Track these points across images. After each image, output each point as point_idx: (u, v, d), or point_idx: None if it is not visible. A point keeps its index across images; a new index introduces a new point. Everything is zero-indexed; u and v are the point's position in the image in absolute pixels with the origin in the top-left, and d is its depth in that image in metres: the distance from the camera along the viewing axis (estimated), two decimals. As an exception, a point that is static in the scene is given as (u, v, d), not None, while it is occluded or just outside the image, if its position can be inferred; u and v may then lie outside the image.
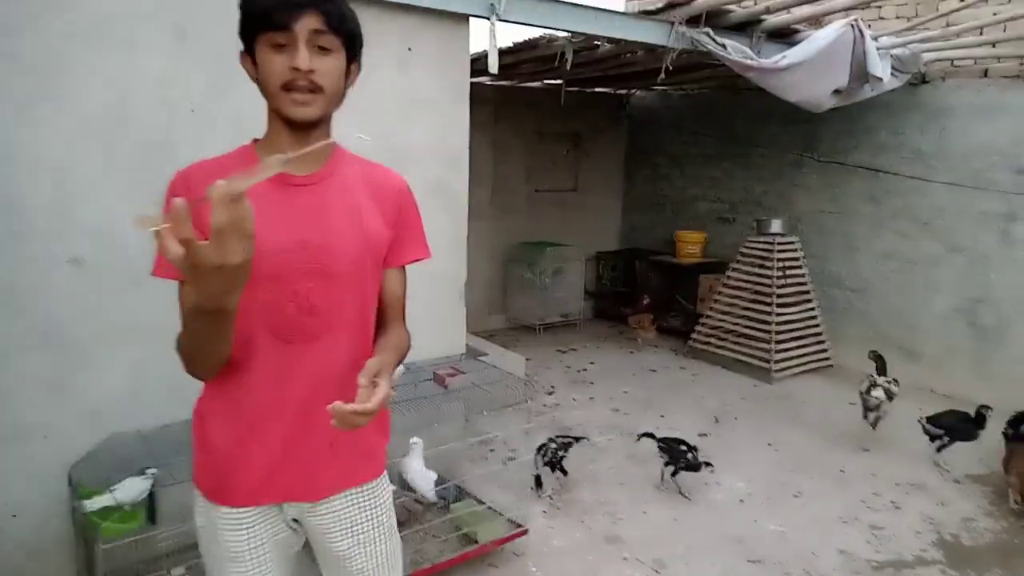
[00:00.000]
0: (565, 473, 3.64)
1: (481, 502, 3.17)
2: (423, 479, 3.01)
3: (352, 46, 1.28)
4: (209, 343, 1.16)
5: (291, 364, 1.30)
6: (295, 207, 1.28)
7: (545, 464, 3.59)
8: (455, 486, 3.20)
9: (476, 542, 2.96)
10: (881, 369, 4.43)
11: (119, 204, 2.51)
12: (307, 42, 1.20)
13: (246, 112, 2.73)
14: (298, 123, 1.25)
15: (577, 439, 3.72)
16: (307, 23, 1.20)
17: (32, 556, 2.49)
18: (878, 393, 4.27)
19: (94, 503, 2.25)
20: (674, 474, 3.68)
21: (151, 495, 2.34)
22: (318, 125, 1.29)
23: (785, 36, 4.62)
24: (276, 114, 1.27)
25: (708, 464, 3.66)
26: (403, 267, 1.49)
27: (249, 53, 1.26)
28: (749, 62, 4.20)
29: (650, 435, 3.82)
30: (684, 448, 3.68)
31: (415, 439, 3.00)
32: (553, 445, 3.60)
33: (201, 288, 0.99)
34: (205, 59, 2.59)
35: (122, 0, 2.46)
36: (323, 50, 1.22)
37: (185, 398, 2.70)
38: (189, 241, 0.90)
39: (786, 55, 4.30)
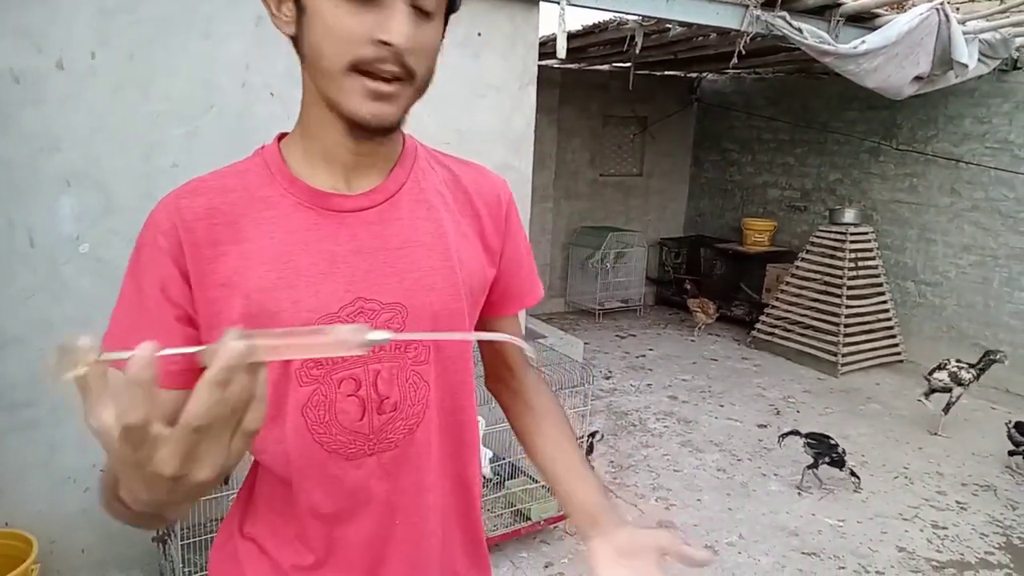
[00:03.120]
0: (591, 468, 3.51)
1: (535, 480, 3.23)
2: (479, 454, 3.09)
3: (455, 6, 0.85)
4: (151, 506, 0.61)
5: (362, 494, 0.85)
6: (345, 246, 0.82)
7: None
8: (510, 463, 3.27)
9: (529, 519, 3.03)
10: (984, 367, 4.27)
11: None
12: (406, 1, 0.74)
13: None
14: (370, 128, 0.78)
15: (592, 435, 3.58)
16: None
17: (117, 508, 2.69)
18: (941, 376, 4.14)
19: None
20: (814, 466, 3.62)
21: (225, 457, 2.48)
22: (395, 129, 0.82)
23: (865, 20, 4.45)
24: (329, 103, 0.78)
25: (855, 475, 3.59)
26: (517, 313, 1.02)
27: None
28: (826, 47, 4.07)
29: (795, 433, 3.75)
30: (832, 443, 3.62)
31: (479, 418, 3.08)
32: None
33: (126, 481, 0.56)
34: (285, 44, 2.69)
35: (207, -14, 2.58)
36: (422, 13, 0.76)
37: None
38: (134, 427, 0.49)
39: (865, 40, 4.15)
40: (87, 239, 2.48)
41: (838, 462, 3.56)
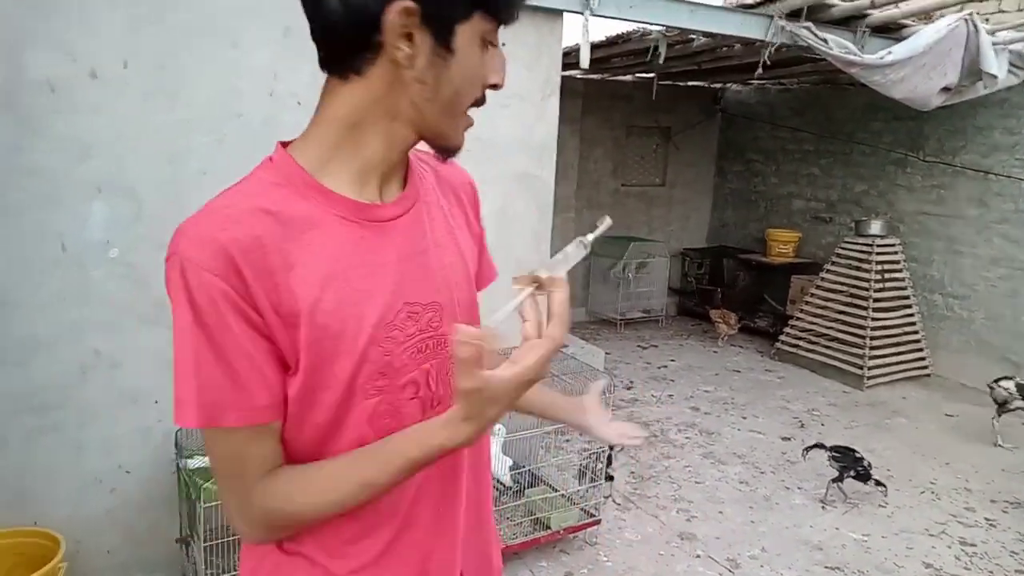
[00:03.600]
0: (611, 479, 3.43)
1: (555, 489, 3.22)
2: (499, 463, 3.10)
3: None
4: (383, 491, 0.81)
5: (422, 498, 0.89)
6: (389, 255, 0.84)
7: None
8: (530, 472, 3.27)
9: (548, 528, 3.02)
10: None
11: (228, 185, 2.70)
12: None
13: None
14: (450, 153, 0.88)
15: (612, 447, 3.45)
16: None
17: (141, 512, 2.72)
18: (1008, 385, 4.10)
19: (196, 461, 2.45)
20: (839, 480, 3.57)
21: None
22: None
23: (892, 31, 4.42)
24: (430, 133, 0.84)
25: (880, 484, 3.54)
26: None
27: (436, 22, 0.77)
28: (852, 58, 4.05)
29: (820, 446, 3.71)
30: (858, 457, 3.59)
31: (499, 426, 3.09)
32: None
33: (484, 415, 0.74)
34: (310, 54, 2.74)
35: (236, -2, 2.63)
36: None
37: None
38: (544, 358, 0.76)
39: (892, 51, 4.12)
40: (117, 245, 2.53)
41: (863, 476, 3.51)
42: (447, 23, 0.77)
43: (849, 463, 3.56)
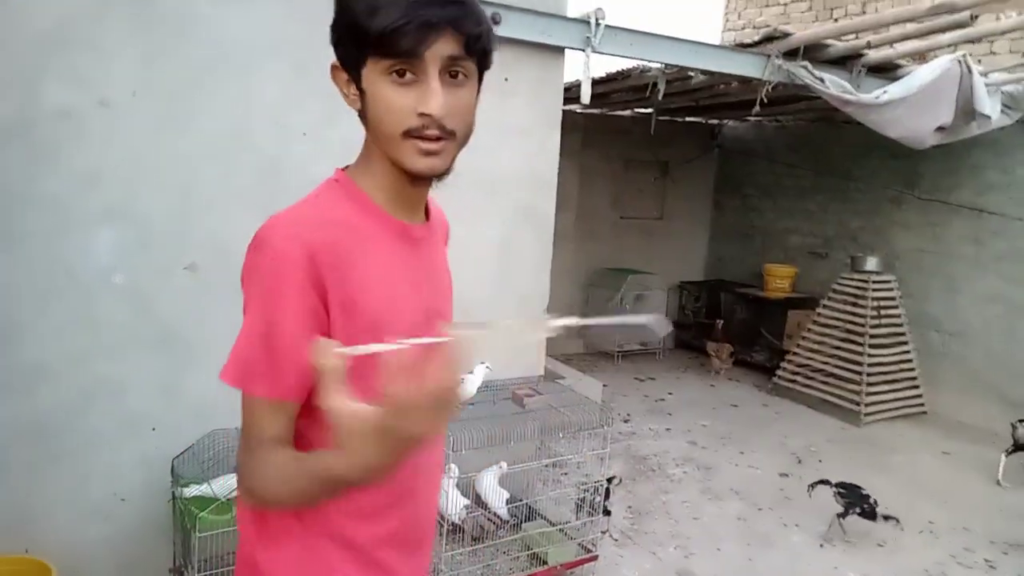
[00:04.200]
0: (608, 513, 3.38)
1: (552, 524, 3.20)
2: (495, 496, 3.07)
3: (486, 66, 0.98)
4: (322, 498, 0.89)
5: (418, 477, 1.07)
6: (416, 269, 1.03)
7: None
8: (527, 506, 3.25)
9: (545, 563, 2.99)
10: None
11: (234, 217, 2.71)
12: (441, 71, 0.90)
13: (357, 136, 2.92)
14: (424, 178, 0.98)
15: (610, 480, 3.41)
16: (441, 48, 0.88)
17: (135, 541, 2.68)
18: None
19: (191, 490, 2.43)
20: (844, 515, 3.55)
21: (244, 490, 2.49)
22: (445, 176, 1.00)
23: (887, 71, 4.51)
24: (392, 160, 0.97)
25: (890, 518, 3.51)
26: None
27: (348, 72, 0.95)
28: (848, 97, 4.12)
29: (825, 482, 3.67)
30: (865, 494, 3.56)
31: (502, 463, 3.08)
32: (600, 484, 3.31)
33: (360, 455, 0.75)
34: (319, 89, 2.78)
35: (244, 33, 2.68)
36: (455, 79, 0.92)
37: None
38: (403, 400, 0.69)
39: (887, 90, 4.20)
40: (123, 271, 2.54)
41: (869, 513, 3.49)
42: (353, 68, 0.94)
43: (855, 500, 3.53)
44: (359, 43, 0.90)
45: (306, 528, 0.98)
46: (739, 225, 7.72)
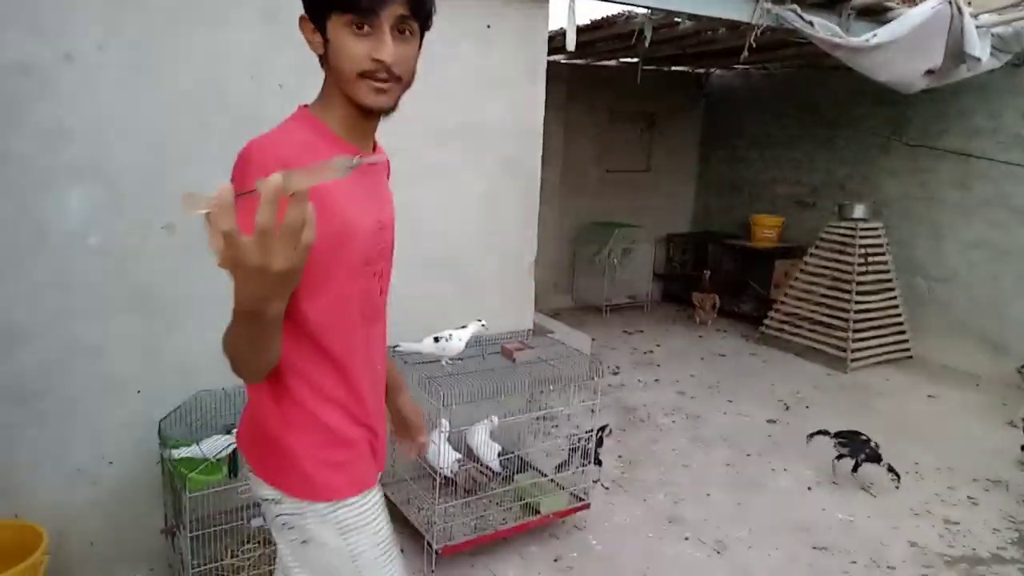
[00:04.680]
0: (599, 463, 3.40)
1: (544, 474, 3.22)
2: (488, 449, 3.09)
3: (427, 27, 1.22)
4: (251, 347, 1.06)
5: (374, 344, 1.35)
6: (368, 187, 1.27)
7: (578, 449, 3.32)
8: (519, 458, 3.26)
9: (538, 513, 3.02)
10: None
11: (211, 174, 2.62)
12: (392, 28, 1.13)
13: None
14: (375, 112, 1.21)
15: (602, 429, 3.46)
16: (394, 10, 1.13)
17: (124, 502, 2.67)
18: None
19: (180, 452, 2.42)
20: (855, 468, 3.59)
21: (234, 450, 2.48)
22: (392, 112, 1.24)
23: (876, 14, 4.42)
24: (348, 98, 1.19)
25: (893, 471, 3.53)
26: None
27: (315, 23, 1.18)
28: (837, 40, 4.05)
29: (824, 432, 3.70)
30: (864, 439, 3.60)
31: (492, 416, 3.09)
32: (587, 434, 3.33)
33: (239, 287, 0.91)
34: (292, 39, 2.69)
35: (216, -22, 2.57)
36: (402, 35, 1.16)
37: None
38: (229, 234, 0.81)
39: (876, 33, 4.12)
40: (97, 232, 2.48)
41: (873, 457, 3.53)
42: (319, 22, 1.17)
43: (857, 447, 3.57)
44: (324, 1, 1.15)
45: (302, 392, 1.25)
46: (726, 176, 7.67)
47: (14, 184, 2.34)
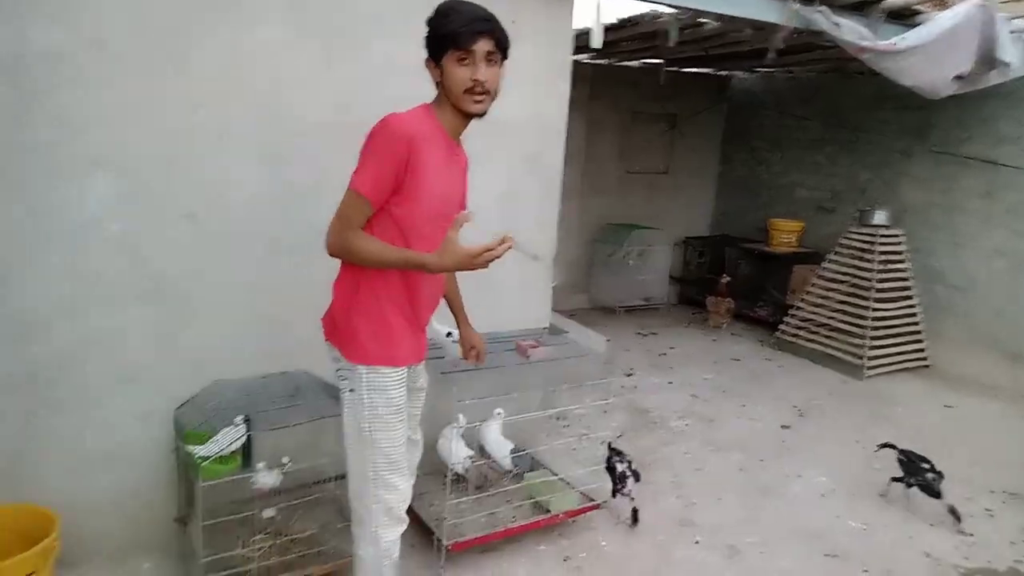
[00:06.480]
0: (613, 471, 3.24)
1: (555, 473, 3.21)
2: (499, 447, 3.07)
3: (506, 56, 1.87)
4: (380, 264, 1.86)
5: (435, 273, 1.91)
6: (453, 171, 1.97)
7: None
8: (530, 456, 3.25)
9: (548, 511, 3.01)
10: None
11: (232, 164, 2.65)
12: (483, 58, 1.79)
13: (349, 82, 2.82)
14: (473, 116, 1.89)
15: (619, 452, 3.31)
16: (484, 45, 1.79)
17: (138, 490, 2.68)
18: None
19: (196, 450, 2.39)
20: (909, 486, 3.46)
21: (248, 440, 2.48)
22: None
23: (906, 17, 4.36)
24: (453, 106, 1.86)
25: (955, 514, 3.31)
26: None
27: (434, 60, 1.85)
28: (864, 43, 3.99)
29: (891, 445, 3.60)
30: (926, 467, 3.44)
31: (499, 410, 3.07)
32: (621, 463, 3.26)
33: (447, 266, 1.81)
34: (315, 31, 2.69)
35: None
36: (491, 62, 1.82)
37: (280, 353, 2.83)
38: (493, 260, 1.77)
39: (905, 37, 4.07)
40: (114, 221, 2.49)
41: (928, 490, 3.37)
42: (437, 59, 1.85)
43: (913, 471, 3.45)
44: (441, 44, 1.82)
45: (377, 294, 1.94)
46: (746, 179, 7.61)
47: (35, 171, 2.35)
